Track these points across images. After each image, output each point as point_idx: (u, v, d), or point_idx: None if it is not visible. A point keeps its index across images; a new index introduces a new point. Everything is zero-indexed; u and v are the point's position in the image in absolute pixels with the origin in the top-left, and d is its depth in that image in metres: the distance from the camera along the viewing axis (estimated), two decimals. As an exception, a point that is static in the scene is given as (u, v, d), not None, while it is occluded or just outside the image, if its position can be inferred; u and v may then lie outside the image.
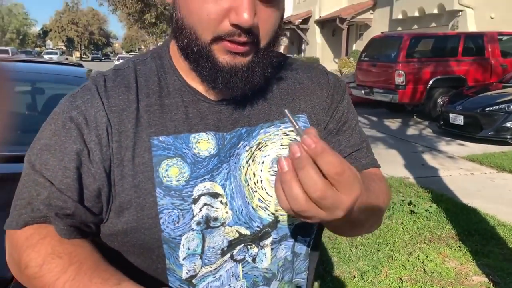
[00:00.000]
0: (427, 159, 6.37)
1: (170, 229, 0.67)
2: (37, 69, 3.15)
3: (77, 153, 0.66)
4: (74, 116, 0.67)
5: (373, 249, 3.29)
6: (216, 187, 0.69)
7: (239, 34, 0.62)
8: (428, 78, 9.56)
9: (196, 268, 0.69)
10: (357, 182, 0.52)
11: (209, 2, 0.61)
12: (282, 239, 0.73)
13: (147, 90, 0.71)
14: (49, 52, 46.91)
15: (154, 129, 0.68)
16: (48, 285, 0.62)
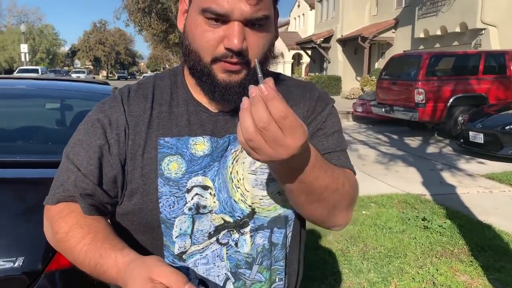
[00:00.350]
0: (446, 176, 6.37)
1: (167, 211, 0.84)
2: (66, 87, 3.37)
3: (100, 147, 0.84)
4: (100, 118, 0.86)
5: (384, 262, 3.36)
6: (207, 181, 0.85)
7: (231, 56, 0.78)
8: (448, 96, 9.56)
9: (186, 245, 0.85)
10: (301, 130, 0.63)
11: (208, 31, 0.78)
12: (259, 228, 0.88)
13: (161, 101, 0.89)
14: (77, 71, 48.29)
15: (161, 131, 0.86)
16: (71, 247, 0.80)
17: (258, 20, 0.78)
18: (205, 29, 0.78)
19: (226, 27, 0.77)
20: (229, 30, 0.76)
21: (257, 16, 0.77)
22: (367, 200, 5.00)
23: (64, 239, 0.81)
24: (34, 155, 2.12)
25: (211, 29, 0.78)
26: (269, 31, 0.83)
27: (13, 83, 3.07)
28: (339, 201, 0.82)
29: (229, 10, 0.75)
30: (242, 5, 0.75)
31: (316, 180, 0.74)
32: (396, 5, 20.93)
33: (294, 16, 35.53)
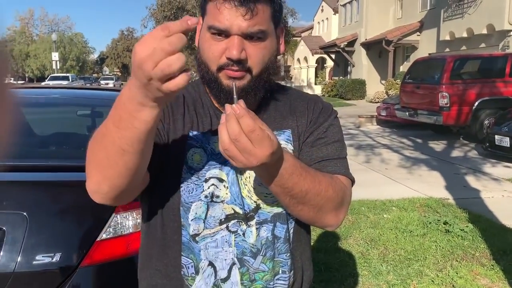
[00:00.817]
0: (470, 181, 6.31)
1: (186, 196, 0.97)
2: (97, 95, 3.55)
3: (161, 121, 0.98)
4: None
5: (404, 265, 3.40)
6: (222, 174, 0.98)
7: (232, 64, 0.91)
8: (473, 99, 9.44)
9: (199, 228, 0.97)
10: (267, 141, 0.74)
11: (213, 45, 0.92)
12: (263, 222, 0.99)
13: (189, 103, 1.03)
14: (105, 77, 49.38)
15: (192, 126, 1.00)
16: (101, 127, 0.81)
17: (254, 33, 0.91)
18: (211, 43, 0.92)
19: (228, 40, 0.90)
20: (230, 43, 0.90)
21: (252, 30, 0.90)
22: (388, 204, 5.02)
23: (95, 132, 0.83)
24: (68, 159, 2.27)
25: (216, 42, 0.92)
26: (268, 44, 0.94)
27: (49, 92, 3.26)
28: (324, 204, 0.92)
29: (228, 26, 0.89)
30: (239, 21, 0.89)
31: (295, 185, 0.86)
32: (421, 7, 20.70)
33: (317, 20, 35.50)
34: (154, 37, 0.67)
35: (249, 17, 0.89)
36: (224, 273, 0.98)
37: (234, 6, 0.89)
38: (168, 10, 29.82)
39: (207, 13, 0.94)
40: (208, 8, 0.93)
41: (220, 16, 0.90)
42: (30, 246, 1.55)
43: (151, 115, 0.73)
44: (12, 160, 2.09)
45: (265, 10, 0.92)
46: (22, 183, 1.81)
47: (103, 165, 0.81)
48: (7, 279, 1.51)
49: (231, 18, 0.89)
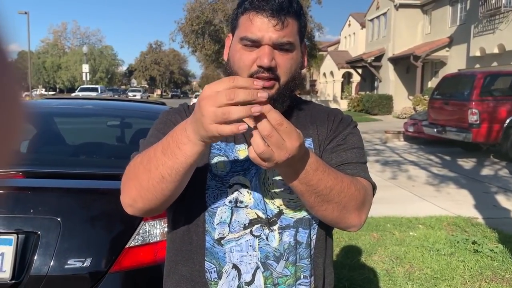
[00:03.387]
0: (500, 200, 6.15)
1: (211, 201, 1.01)
2: (126, 107, 3.65)
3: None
4: (171, 118, 1.08)
5: (430, 284, 3.33)
6: (245, 181, 1.02)
7: (262, 71, 0.96)
8: (505, 116, 9.23)
9: (224, 232, 1.01)
10: (295, 133, 0.78)
11: (244, 54, 0.98)
12: (285, 227, 1.02)
13: None
14: (133, 90, 50.41)
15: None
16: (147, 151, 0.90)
17: (283, 44, 0.97)
18: (242, 53, 0.98)
19: (258, 50, 0.97)
20: (261, 52, 0.96)
21: (282, 41, 0.96)
22: (415, 221, 4.94)
23: (141, 154, 0.93)
24: (98, 168, 2.34)
25: (247, 52, 0.98)
26: (295, 55, 1.01)
27: (82, 103, 3.37)
28: (347, 202, 0.93)
29: (260, 37, 0.95)
30: (270, 32, 0.95)
31: (320, 181, 0.87)
32: (451, 23, 20.48)
33: (344, 35, 35.49)
34: (223, 83, 0.74)
35: (280, 28, 0.95)
36: (248, 276, 1.00)
37: (266, 17, 0.95)
38: (196, 24, 30.36)
39: (239, 26, 1.00)
40: (240, 21, 1.00)
41: (252, 27, 0.96)
42: (63, 250, 1.60)
43: (194, 150, 0.81)
44: (47, 167, 2.17)
45: (294, 24, 0.98)
46: (56, 190, 1.88)
47: (142, 186, 0.89)
48: (40, 282, 1.56)
49: (263, 29, 0.95)
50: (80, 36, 74.99)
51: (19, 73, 0.30)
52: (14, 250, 1.59)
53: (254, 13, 0.96)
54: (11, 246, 1.60)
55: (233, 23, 1.04)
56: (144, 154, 0.91)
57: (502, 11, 15.40)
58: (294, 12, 0.98)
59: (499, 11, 15.54)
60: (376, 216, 5.13)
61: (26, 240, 1.61)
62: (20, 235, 1.61)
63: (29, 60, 36.72)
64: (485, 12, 16.28)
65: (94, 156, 2.88)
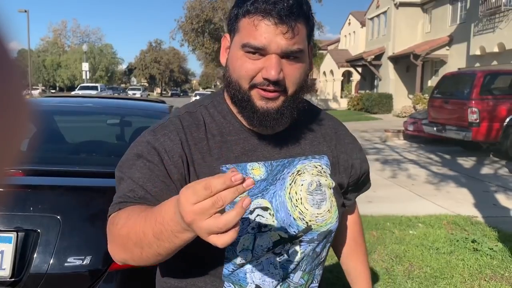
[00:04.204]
0: (500, 199, 6.15)
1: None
2: (126, 105, 3.64)
3: (162, 172, 0.90)
4: (156, 146, 0.92)
5: (429, 282, 3.33)
6: (266, 202, 0.94)
7: (268, 84, 0.88)
8: (504, 115, 9.23)
9: (247, 258, 0.94)
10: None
11: (248, 63, 0.88)
12: (310, 241, 0.98)
13: (213, 131, 0.96)
14: (133, 88, 50.36)
15: (222, 160, 0.93)
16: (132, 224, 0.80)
17: (293, 52, 0.87)
18: (245, 61, 0.88)
19: (264, 59, 0.87)
20: (267, 62, 0.86)
21: (292, 49, 0.86)
22: (414, 220, 4.94)
23: (125, 223, 0.82)
24: (98, 166, 2.34)
25: (250, 61, 0.87)
26: (304, 63, 0.92)
27: (82, 101, 3.37)
28: None
29: (266, 44, 0.85)
30: (278, 39, 0.85)
31: None
32: (451, 22, 20.47)
33: (344, 33, 35.45)
34: (200, 194, 0.65)
35: (290, 36, 0.85)
36: None
37: (274, 24, 0.84)
38: (196, 23, 30.35)
39: (240, 30, 0.89)
40: (242, 24, 0.89)
41: (256, 33, 0.85)
42: (63, 248, 1.60)
43: (194, 236, 0.72)
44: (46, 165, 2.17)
45: (303, 29, 0.89)
46: (56, 188, 1.88)
47: (134, 257, 0.83)
48: (40, 280, 1.56)
49: (270, 36, 0.85)
50: (80, 34, 74.98)
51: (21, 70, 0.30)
52: (13, 248, 1.59)
53: (260, 17, 0.85)
54: (11, 244, 1.60)
55: (232, 25, 0.93)
56: (130, 227, 0.80)
57: (502, 10, 15.38)
58: (304, 15, 0.88)
59: (499, 10, 15.53)
60: (376, 214, 5.13)
61: (26, 238, 1.61)
62: (20, 233, 1.61)
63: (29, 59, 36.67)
64: (485, 11, 16.27)
65: (94, 154, 2.88)
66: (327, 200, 1.00)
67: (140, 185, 0.89)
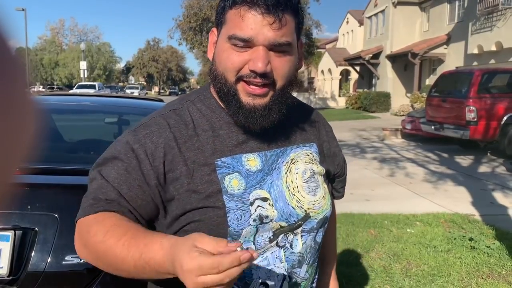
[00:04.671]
0: (497, 197, 6.17)
1: (235, 224, 0.89)
2: (124, 103, 3.64)
3: (139, 176, 0.89)
4: (135, 148, 0.90)
5: (427, 280, 3.34)
6: (265, 193, 0.93)
7: (255, 77, 0.86)
8: (502, 114, 9.26)
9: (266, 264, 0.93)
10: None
11: (234, 55, 0.86)
12: (310, 230, 0.99)
13: (203, 126, 0.94)
14: (131, 87, 50.34)
15: (217, 154, 0.92)
16: (112, 245, 0.81)
17: (281, 45, 0.86)
18: (231, 53, 0.86)
19: (251, 51, 0.85)
20: (254, 54, 0.85)
21: (280, 41, 0.85)
22: (412, 218, 4.95)
23: (103, 240, 0.82)
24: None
25: (237, 53, 0.86)
26: (293, 57, 0.91)
27: (79, 99, 3.36)
28: None
29: (253, 36, 0.83)
30: (265, 31, 0.83)
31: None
32: (449, 20, 20.49)
33: (342, 32, 35.45)
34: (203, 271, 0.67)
35: (277, 26, 0.83)
36: None
37: (260, 14, 0.83)
38: (194, 22, 30.32)
39: (227, 22, 0.88)
40: (228, 16, 0.87)
41: (243, 24, 0.84)
42: (60, 246, 1.60)
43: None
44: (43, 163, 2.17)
45: (291, 21, 0.87)
46: (54, 186, 1.87)
47: (104, 268, 0.86)
48: (38, 278, 1.56)
49: (257, 27, 0.83)
50: (77, 33, 74.80)
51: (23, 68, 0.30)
52: (11, 246, 1.59)
53: (246, 8, 0.84)
54: (8, 242, 1.60)
55: (219, 17, 0.91)
56: (109, 247, 0.81)
57: (500, 8, 15.40)
58: (292, 7, 0.87)
59: (497, 9, 15.55)
60: (374, 213, 5.14)
61: (24, 236, 1.61)
62: (18, 231, 1.61)
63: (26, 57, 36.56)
64: (483, 9, 16.29)
65: (92, 153, 2.87)
66: (320, 187, 1.01)
67: (114, 187, 0.87)
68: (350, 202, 5.76)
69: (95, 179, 0.90)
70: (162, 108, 0.99)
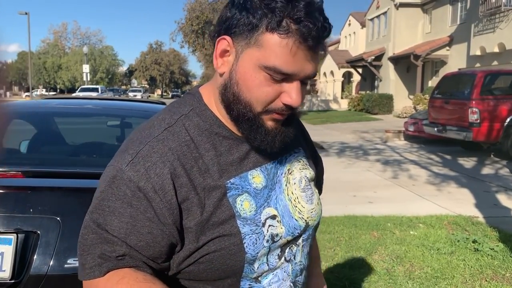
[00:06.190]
0: (501, 199, 6.14)
1: (252, 250, 0.84)
2: (126, 106, 3.64)
3: (150, 220, 0.78)
4: (141, 186, 0.78)
5: (430, 283, 3.32)
6: (273, 210, 0.89)
7: (286, 109, 0.82)
8: (505, 115, 9.23)
9: (264, 271, 0.89)
10: None
11: (266, 86, 0.79)
12: (307, 238, 0.98)
13: (204, 145, 0.84)
14: (133, 89, 50.45)
15: (224, 176, 0.85)
16: None
17: (311, 77, 0.82)
18: (264, 83, 0.79)
19: (287, 84, 0.79)
20: (290, 88, 0.79)
21: (313, 74, 0.81)
22: (415, 220, 4.93)
23: None
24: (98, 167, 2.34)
25: (271, 84, 0.79)
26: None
27: (82, 103, 3.37)
28: None
29: (296, 72, 0.78)
30: (308, 66, 0.78)
31: None
32: (451, 22, 20.48)
33: (344, 34, 35.44)
34: None
35: (317, 61, 0.79)
36: None
37: (309, 48, 0.77)
38: (196, 25, 30.40)
39: (263, 46, 0.77)
40: (267, 40, 0.76)
41: (291, 60, 0.76)
42: (63, 250, 1.60)
43: None
44: (46, 166, 2.17)
45: None
46: (56, 189, 1.87)
47: None
48: (40, 281, 1.56)
49: (302, 63, 0.77)
50: (80, 36, 75.07)
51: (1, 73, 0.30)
52: (13, 249, 1.59)
53: (298, 42, 0.75)
54: (11, 245, 1.60)
55: (242, 31, 0.78)
56: None
57: (502, 10, 15.39)
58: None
59: (499, 10, 15.53)
60: (377, 215, 5.13)
61: (26, 240, 1.61)
62: (20, 235, 1.61)
63: (29, 61, 36.68)
64: (485, 11, 16.27)
65: (94, 156, 2.88)
66: (314, 193, 0.99)
67: (121, 240, 0.78)
68: (353, 204, 5.75)
69: (95, 232, 0.79)
70: (152, 127, 0.86)
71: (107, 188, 0.79)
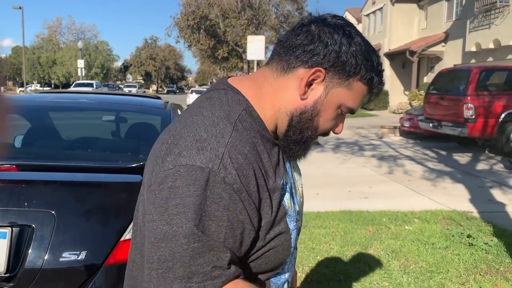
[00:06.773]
0: (495, 194, 6.18)
1: (294, 243, 0.94)
2: (122, 101, 3.63)
3: (242, 221, 0.80)
4: (236, 188, 0.78)
5: (425, 277, 3.34)
6: (297, 206, 0.97)
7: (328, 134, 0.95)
8: (500, 111, 9.27)
9: (289, 268, 0.98)
10: None
11: (334, 119, 0.92)
12: (299, 228, 1.02)
13: (259, 147, 0.86)
14: (129, 85, 50.22)
15: (279, 176, 0.89)
16: None
17: None
18: (335, 117, 0.91)
19: (341, 117, 0.94)
20: (341, 120, 0.95)
21: None
22: (410, 215, 4.95)
23: None
24: (93, 161, 2.32)
25: (336, 117, 0.92)
26: None
27: (77, 97, 3.35)
28: None
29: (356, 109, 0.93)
30: None
31: None
32: (447, 18, 20.50)
33: (340, 30, 35.40)
34: None
35: None
36: None
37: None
38: (192, 19, 30.29)
39: (353, 90, 0.88)
40: (357, 87, 0.88)
41: (359, 100, 0.91)
42: (57, 243, 1.59)
43: None
44: (41, 160, 2.16)
45: None
46: (51, 183, 1.87)
47: None
48: (35, 275, 1.55)
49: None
50: (75, 31, 74.66)
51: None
52: (8, 243, 1.58)
53: (370, 92, 0.91)
54: (5, 239, 1.59)
55: (345, 70, 0.86)
56: None
57: (498, 6, 15.42)
58: None
59: (495, 6, 15.57)
60: (372, 210, 5.14)
61: (21, 233, 1.60)
62: (15, 228, 1.60)
63: (23, 56, 36.46)
64: (480, 7, 16.31)
65: (89, 150, 2.87)
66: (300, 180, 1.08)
67: (224, 245, 0.77)
68: (349, 199, 5.77)
69: (199, 238, 0.75)
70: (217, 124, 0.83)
71: (203, 191, 0.76)
